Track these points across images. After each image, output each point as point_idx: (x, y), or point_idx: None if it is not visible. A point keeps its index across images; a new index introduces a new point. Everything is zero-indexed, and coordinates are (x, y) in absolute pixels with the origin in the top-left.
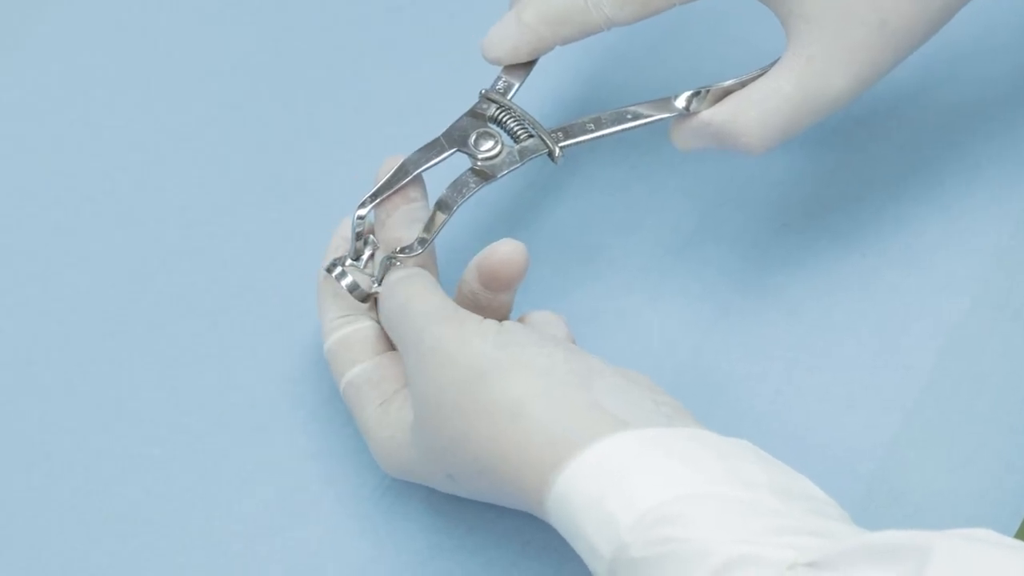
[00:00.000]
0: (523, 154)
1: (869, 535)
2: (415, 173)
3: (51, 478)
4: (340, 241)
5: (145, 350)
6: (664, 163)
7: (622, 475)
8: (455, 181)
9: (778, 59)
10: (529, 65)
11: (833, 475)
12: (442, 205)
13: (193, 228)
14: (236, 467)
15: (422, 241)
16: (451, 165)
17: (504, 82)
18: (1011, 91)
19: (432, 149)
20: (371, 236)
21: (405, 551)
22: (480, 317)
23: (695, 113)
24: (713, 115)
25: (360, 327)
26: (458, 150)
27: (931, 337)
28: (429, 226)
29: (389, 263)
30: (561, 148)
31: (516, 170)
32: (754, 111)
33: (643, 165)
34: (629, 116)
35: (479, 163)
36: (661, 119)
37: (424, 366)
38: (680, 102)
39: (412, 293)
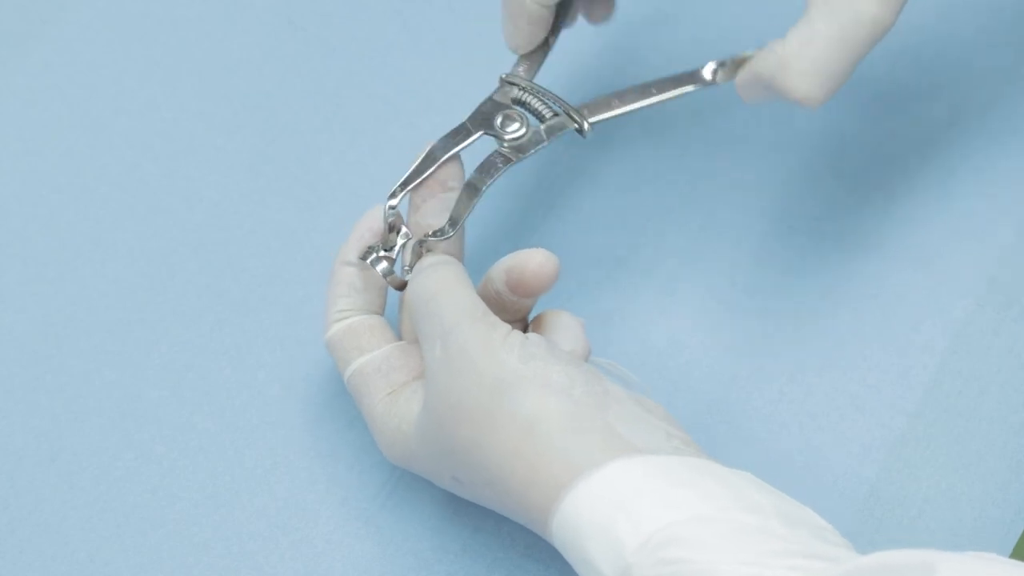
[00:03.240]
0: (549, 132)
1: (873, 556)
2: (443, 159)
3: (60, 477)
4: (365, 232)
5: (155, 349)
6: (671, 164)
7: (628, 498)
8: (483, 163)
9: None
10: (545, 48)
11: (837, 476)
12: (470, 187)
13: (204, 229)
14: (244, 467)
15: (452, 223)
16: (477, 150)
17: (523, 67)
18: (1018, 90)
19: (459, 134)
20: (402, 228)
21: (410, 552)
22: (508, 326)
23: (721, 84)
24: (762, 68)
25: (368, 317)
26: (484, 133)
27: (936, 338)
28: (459, 209)
29: (420, 248)
30: (590, 123)
31: (544, 148)
32: (796, 57)
33: (650, 166)
34: (654, 90)
35: (506, 144)
36: (686, 92)
37: (447, 367)
38: (707, 73)
39: (442, 286)
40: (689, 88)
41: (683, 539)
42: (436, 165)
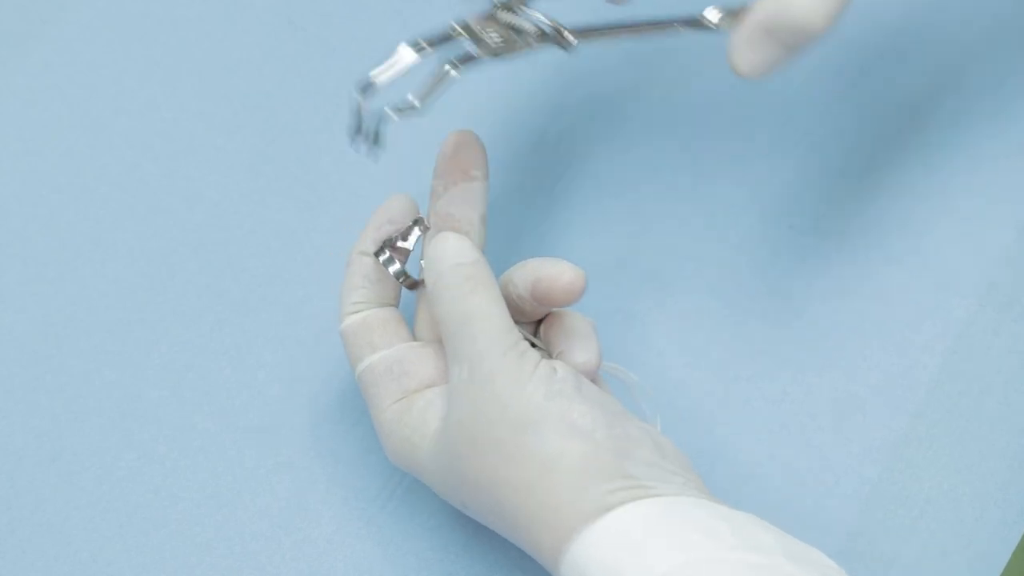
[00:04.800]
0: (535, 40)
1: None
2: (419, 55)
3: (61, 477)
4: (384, 222)
5: (155, 349)
6: (672, 165)
7: (638, 541)
8: (462, 55)
9: None
10: None
11: (838, 476)
12: (439, 70)
13: (205, 229)
14: (245, 467)
15: (419, 97)
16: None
17: None
18: (1019, 90)
19: (442, 37)
20: (419, 216)
21: (411, 553)
22: (538, 356)
23: (748, 19)
24: (761, 9)
25: (382, 311)
26: (463, 37)
27: (938, 338)
28: (435, 84)
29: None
30: (575, 37)
31: (524, 54)
32: None
33: (651, 167)
34: (646, 27)
35: (487, 46)
36: (677, 31)
37: (472, 393)
38: (712, 17)
39: (478, 308)
40: (683, 30)
41: None
42: (413, 61)
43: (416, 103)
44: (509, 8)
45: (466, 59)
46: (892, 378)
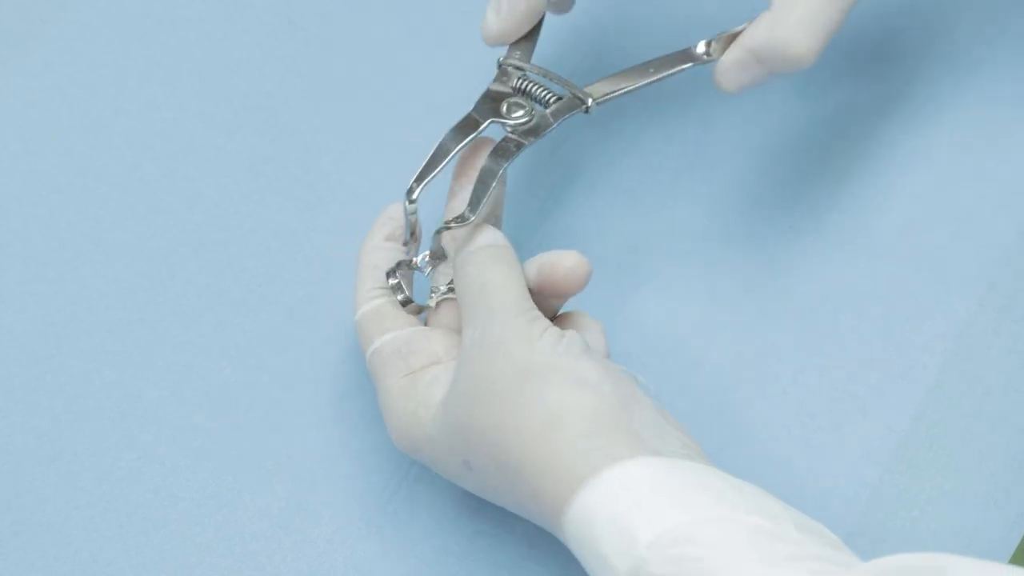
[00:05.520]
0: (556, 115)
1: (888, 559)
2: (456, 151)
3: (61, 477)
4: (388, 219)
5: (155, 349)
6: (671, 165)
7: (645, 495)
8: (495, 148)
9: None
10: (534, 35)
11: (839, 477)
12: (487, 172)
13: (205, 229)
14: (246, 467)
15: (472, 209)
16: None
17: (518, 51)
18: (1018, 91)
19: (467, 125)
20: (418, 227)
21: (411, 554)
22: (549, 323)
23: (716, 59)
24: (752, 38)
25: (395, 299)
26: (492, 121)
27: (938, 339)
28: (478, 194)
29: (440, 236)
30: (595, 100)
31: (552, 130)
32: (790, 18)
33: (651, 169)
34: (651, 70)
35: (514, 130)
36: (684, 69)
37: (481, 351)
38: (700, 48)
39: (496, 277)
40: (687, 65)
41: (698, 538)
42: (447, 159)
43: (471, 216)
44: (519, 71)
45: (505, 154)
46: (892, 378)
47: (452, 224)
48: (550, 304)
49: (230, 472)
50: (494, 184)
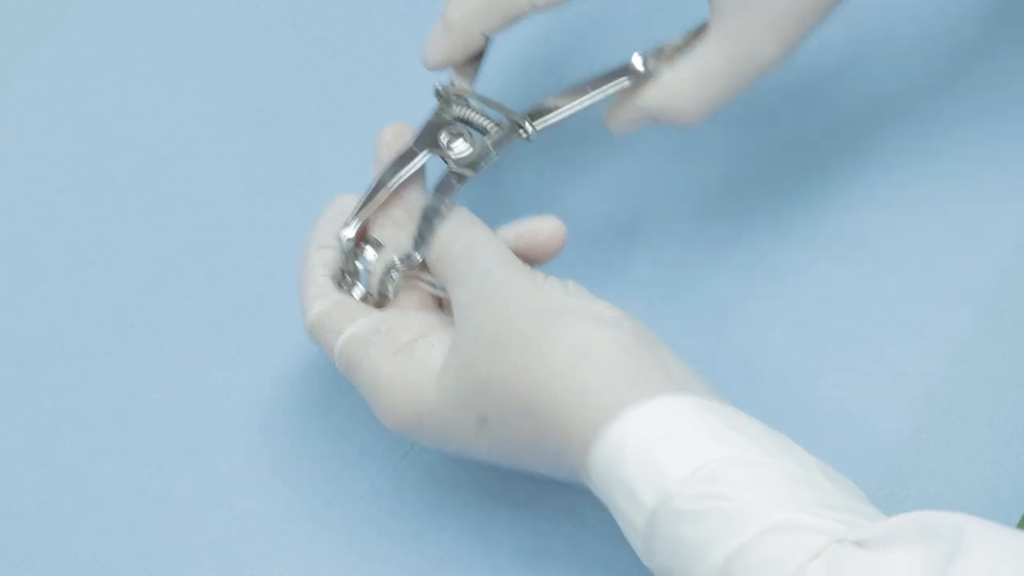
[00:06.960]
0: (496, 145)
1: (912, 514)
2: (393, 186)
3: (59, 477)
4: (336, 214)
5: (145, 351)
6: (662, 170)
7: (677, 431)
8: (438, 184)
9: (705, 25)
10: (476, 61)
11: None
12: (430, 209)
13: (206, 231)
14: (242, 467)
15: (418, 247)
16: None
17: (460, 77)
18: (1015, 97)
19: (405, 158)
20: (361, 252)
21: (412, 552)
22: (542, 273)
23: (632, 98)
24: (648, 101)
25: (352, 295)
26: (430, 152)
27: (938, 343)
28: (423, 232)
29: (389, 275)
30: (535, 128)
31: (494, 161)
32: (688, 90)
33: (644, 171)
34: (589, 88)
35: (454, 163)
36: (623, 86)
37: (485, 301)
38: (638, 64)
39: (479, 238)
40: (625, 82)
41: (730, 476)
42: (385, 191)
43: (417, 256)
44: (460, 99)
45: (448, 189)
46: (892, 383)
47: (400, 266)
48: None
49: (226, 472)
50: (438, 220)
